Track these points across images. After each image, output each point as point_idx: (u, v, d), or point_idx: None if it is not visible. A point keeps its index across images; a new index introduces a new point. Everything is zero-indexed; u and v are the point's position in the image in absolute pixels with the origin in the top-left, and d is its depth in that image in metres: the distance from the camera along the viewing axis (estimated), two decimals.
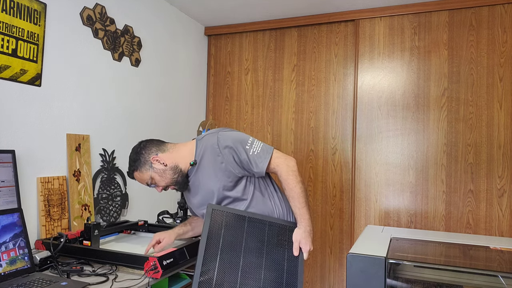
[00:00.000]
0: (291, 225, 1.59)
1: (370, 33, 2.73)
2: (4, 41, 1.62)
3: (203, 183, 1.59)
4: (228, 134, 1.57)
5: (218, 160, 1.54)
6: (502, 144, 2.42)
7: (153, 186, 1.61)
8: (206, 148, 1.56)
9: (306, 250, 1.52)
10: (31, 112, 1.76)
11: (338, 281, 2.79)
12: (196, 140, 1.64)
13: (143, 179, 1.60)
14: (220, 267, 1.44)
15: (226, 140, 1.54)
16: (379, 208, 2.67)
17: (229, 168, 1.53)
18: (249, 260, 1.47)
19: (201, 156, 1.58)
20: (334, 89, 2.85)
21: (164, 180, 1.58)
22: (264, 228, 1.54)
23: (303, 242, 1.52)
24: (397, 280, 1.79)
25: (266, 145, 1.58)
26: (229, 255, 1.47)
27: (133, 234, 2.16)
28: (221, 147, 1.53)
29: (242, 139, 1.56)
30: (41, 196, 1.77)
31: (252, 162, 1.53)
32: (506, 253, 1.88)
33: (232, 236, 1.49)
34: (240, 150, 1.53)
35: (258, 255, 1.49)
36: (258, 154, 1.53)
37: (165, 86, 2.72)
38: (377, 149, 2.69)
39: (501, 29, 2.44)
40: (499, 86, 2.43)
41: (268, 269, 1.48)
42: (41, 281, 1.35)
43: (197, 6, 2.77)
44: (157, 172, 1.57)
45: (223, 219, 1.51)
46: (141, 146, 1.61)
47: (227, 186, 1.55)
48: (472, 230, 2.46)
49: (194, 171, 1.61)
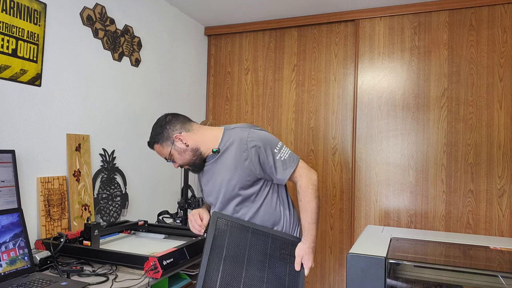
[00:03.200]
0: (294, 240, 1.58)
1: (370, 33, 2.73)
2: (4, 41, 1.62)
3: (219, 173, 1.56)
4: (259, 133, 1.54)
5: (243, 156, 1.51)
6: (502, 144, 2.42)
7: (170, 161, 1.59)
8: (234, 140, 1.53)
9: (308, 266, 1.52)
10: (31, 112, 1.76)
11: (338, 281, 2.79)
12: (224, 128, 1.60)
13: (162, 153, 1.58)
14: (222, 278, 1.43)
15: (256, 139, 1.51)
16: (379, 208, 2.67)
17: (252, 167, 1.50)
18: (251, 273, 1.47)
19: (226, 147, 1.54)
20: (334, 89, 2.85)
21: (182, 159, 1.56)
22: (268, 240, 1.53)
23: (306, 258, 1.52)
24: (397, 280, 1.78)
25: (293, 153, 1.56)
26: (232, 266, 1.46)
27: (133, 234, 2.17)
28: (249, 144, 1.50)
29: (272, 141, 1.54)
30: (41, 196, 1.77)
31: (276, 167, 1.51)
32: (506, 253, 1.88)
33: (236, 246, 1.48)
34: (268, 152, 1.51)
35: (261, 268, 1.48)
36: (284, 160, 1.52)
37: (165, 86, 2.72)
38: (377, 149, 2.69)
39: (501, 29, 2.44)
40: (499, 86, 2.43)
41: (269, 283, 1.47)
42: (41, 281, 1.35)
43: (197, 6, 2.77)
44: (177, 150, 1.55)
45: (228, 228, 1.50)
46: (166, 120, 1.57)
47: (244, 184, 1.53)
48: (472, 230, 2.46)
49: (213, 159, 1.58)
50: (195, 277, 1.90)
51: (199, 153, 1.56)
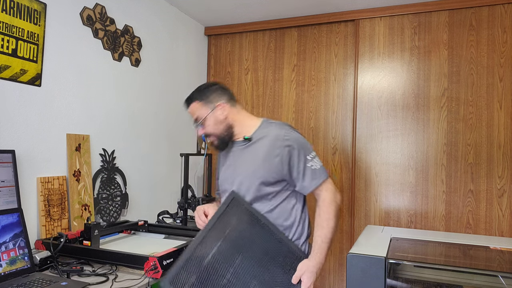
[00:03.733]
0: (301, 255, 1.49)
1: (370, 33, 2.73)
2: (4, 41, 1.62)
3: (243, 162, 1.53)
4: (296, 135, 1.52)
5: (275, 152, 1.47)
6: (502, 144, 2.42)
7: (198, 126, 1.55)
8: (270, 134, 1.51)
9: (306, 286, 1.41)
10: (31, 112, 1.76)
11: (338, 281, 2.79)
12: (262, 120, 1.58)
13: (196, 113, 1.54)
14: (214, 255, 1.36)
15: (292, 139, 1.49)
16: (379, 208, 2.67)
17: (280, 166, 1.47)
18: (245, 264, 1.40)
19: (258, 138, 1.52)
20: (334, 89, 2.85)
21: (214, 129, 1.53)
22: (273, 242, 1.46)
23: (307, 276, 1.42)
24: (397, 280, 1.78)
25: (324, 167, 1.53)
26: (228, 248, 1.39)
27: (133, 234, 2.16)
28: (284, 142, 1.47)
29: (307, 147, 1.51)
30: (41, 196, 1.77)
31: (305, 174, 1.48)
32: (506, 253, 1.88)
33: (239, 232, 1.42)
34: (301, 156, 1.48)
35: (256, 264, 1.41)
36: (314, 170, 1.49)
37: (165, 86, 2.72)
38: (377, 149, 2.69)
39: (501, 29, 2.44)
40: (499, 86, 2.43)
41: (261, 282, 1.39)
42: (41, 281, 1.35)
43: (197, 6, 2.77)
44: (214, 118, 1.52)
45: (239, 211, 1.44)
46: (216, 86, 1.56)
47: (267, 180, 1.48)
48: (472, 230, 2.46)
49: (243, 145, 1.55)
50: None
51: (231, 131, 1.54)
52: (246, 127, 1.56)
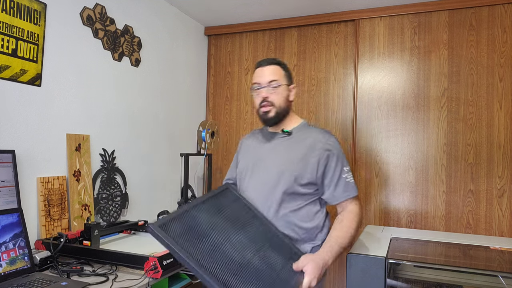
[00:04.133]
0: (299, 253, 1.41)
1: (370, 33, 2.73)
2: (4, 41, 1.62)
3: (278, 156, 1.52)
4: (338, 144, 1.54)
5: (314, 154, 1.48)
6: (502, 144, 2.42)
7: (269, 88, 1.52)
8: (311, 136, 1.52)
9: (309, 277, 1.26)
10: (31, 112, 1.76)
11: (338, 281, 2.79)
12: (303, 120, 1.63)
13: (276, 75, 1.53)
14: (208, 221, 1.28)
15: (334, 146, 1.51)
16: (379, 208, 2.67)
17: (315, 168, 1.47)
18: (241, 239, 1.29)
19: (297, 135, 1.54)
20: (334, 89, 2.85)
21: (280, 101, 1.53)
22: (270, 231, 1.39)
23: (311, 266, 1.29)
24: (397, 280, 1.78)
25: (355, 184, 1.54)
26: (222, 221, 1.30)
27: (133, 234, 2.16)
28: (326, 146, 1.49)
29: (345, 159, 1.53)
30: (41, 196, 1.77)
31: (338, 184, 1.48)
32: (506, 253, 1.88)
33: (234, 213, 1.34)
34: (338, 166, 1.49)
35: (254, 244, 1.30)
36: (348, 182, 1.50)
37: (165, 86, 2.72)
38: (377, 149, 2.69)
39: (501, 29, 2.44)
40: (499, 86, 2.43)
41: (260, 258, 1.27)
42: (41, 281, 1.35)
43: (197, 6, 2.77)
44: (286, 93, 1.56)
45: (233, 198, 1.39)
46: None
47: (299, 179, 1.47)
48: (472, 230, 2.46)
49: (279, 138, 1.56)
50: (195, 277, 1.90)
51: (283, 114, 1.56)
52: (289, 121, 1.60)
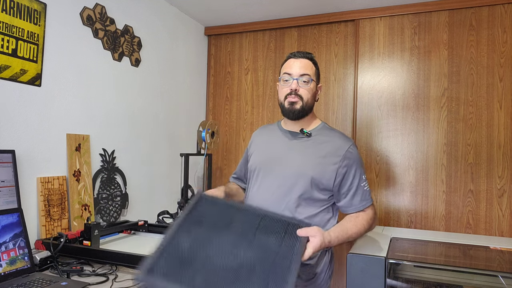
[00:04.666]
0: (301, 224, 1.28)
1: (370, 33, 2.73)
2: (4, 41, 1.62)
3: (295, 156, 1.47)
4: (358, 153, 1.51)
5: (334, 160, 1.44)
6: (502, 144, 2.42)
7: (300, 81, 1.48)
8: (332, 141, 1.48)
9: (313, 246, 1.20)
10: (31, 112, 1.76)
11: (338, 281, 2.79)
12: (322, 122, 1.59)
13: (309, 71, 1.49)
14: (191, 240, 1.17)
15: (355, 155, 1.47)
16: (379, 208, 2.67)
17: (333, 175, 1.44)
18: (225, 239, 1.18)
19: (317, 138, 1.50)
20: (334, 89, 2.85)
21: (307, 96, 1.49)
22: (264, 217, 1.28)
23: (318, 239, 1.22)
24: (397, 280, 1.79)
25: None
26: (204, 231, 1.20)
27: (133, 234, 2.17)
28: (347, 155, 1.45)
29: (363, 169, 1.51)
30: (41, 196, 1.77)
31: (356, 193, 1.46)
32: (506, 253, 1.88)
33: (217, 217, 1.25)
34: (357, 174, 1.46)
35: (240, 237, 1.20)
36: (365, 191, 1.47)
37: (165, 86, 2.72)
38: (377, 149, 2.69)
39: (501, 29, 2.44)
40: (499, 86, 2.43)
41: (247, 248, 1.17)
42: (41, 281, 1.35)
43: (197, 6, 2.77)
44: (314, 91, 1.53)
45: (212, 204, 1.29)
46: None
47: (317, 184, 1.43)
48: (472, 230, 2.46)
49: (297, 138, 1.52)
50: None
51: (307, 110, 1.51)
52: (308, 121, 1.55)
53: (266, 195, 1.48)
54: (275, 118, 3.01)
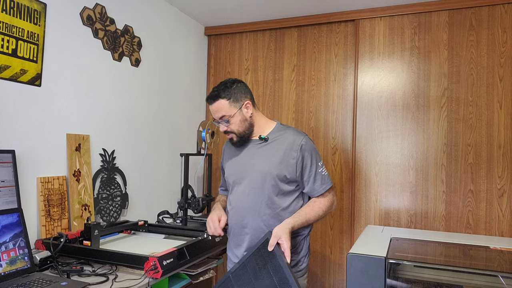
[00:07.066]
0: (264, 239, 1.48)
1: (370, 33, 2.73)
2: (4, 41, 1.62)
3: (258, 160, 1.62)
4: (311, 143, 1.64)
5: (292, 155, 1.58)
6: (502, 144, 2.42)
7: (223, 123, 1.61)
8: (288, 138, 1.61)
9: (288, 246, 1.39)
10: (31, 112, 1.76)
11: (338, 281, 2.79)
12: (277, 123, 1.70)
13: (223, 110, 1.57)
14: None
15: (309, 146, 1.61)
16: (379, 208, 2.67)
17: (295, 168, 1.58)
18: None
19: (274, 139, 1.63)
20: (334, 89, 2.85)
21: (239, 126, 1.61)
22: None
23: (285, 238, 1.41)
24: (397, 280, 1.79)
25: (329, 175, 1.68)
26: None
27: (133, 234, 2.17)
28: (302, 148, 1.59)
29: (318, 155, 1.65)
30: (41, 196, 1.77)
31: (316, 179, 1.61)
32: (506, 253, 1.88)
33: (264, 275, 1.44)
34: (313, 162, 1.61)
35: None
36: (323, 176, 1.63)
37: (165, 86, 2.72)
38: (377, 149, 2.69)
39: (501, 29, 2.44)
40: (499, 86, 2.43)
41: None
42: (41, 281, 1.35)
43: (197, 6, 2.77)
44: (241, 116, 1.60)
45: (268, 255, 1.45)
46: (242, 84, 1.62)
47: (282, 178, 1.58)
48: (472, 230, 2.46)
49: (257, 144, 1.65)
50: (195, 277, 1.90)
51: (251, 129, 1.64)
52: (263, 127, 1.67)
53: (243, 198, 1.65)
54: (275, 118, 3.01)
